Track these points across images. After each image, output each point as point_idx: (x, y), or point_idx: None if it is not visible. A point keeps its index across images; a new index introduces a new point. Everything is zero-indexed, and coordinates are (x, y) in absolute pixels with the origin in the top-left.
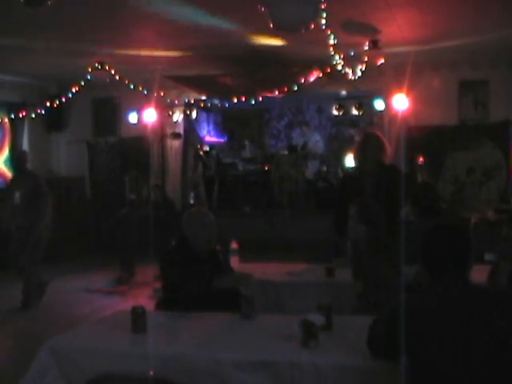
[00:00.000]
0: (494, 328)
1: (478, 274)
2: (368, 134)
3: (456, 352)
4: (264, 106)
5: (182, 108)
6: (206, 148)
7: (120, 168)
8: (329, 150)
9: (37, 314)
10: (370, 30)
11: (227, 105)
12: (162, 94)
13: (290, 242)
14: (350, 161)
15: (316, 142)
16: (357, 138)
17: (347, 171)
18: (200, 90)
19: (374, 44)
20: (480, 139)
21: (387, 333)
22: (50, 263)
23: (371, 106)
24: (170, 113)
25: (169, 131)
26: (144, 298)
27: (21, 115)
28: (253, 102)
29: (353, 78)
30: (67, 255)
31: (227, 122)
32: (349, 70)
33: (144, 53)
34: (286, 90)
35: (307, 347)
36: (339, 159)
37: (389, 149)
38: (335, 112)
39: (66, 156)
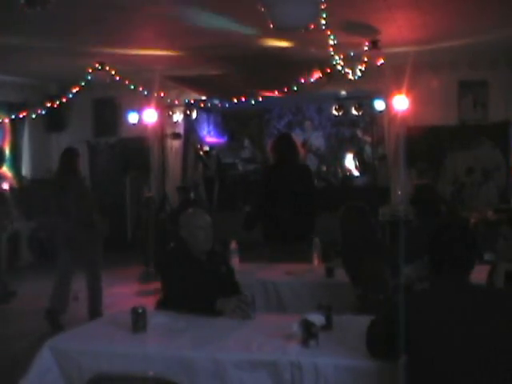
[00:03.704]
0: (495, 328)
1: (478, 274)
2: (284, 135)
3: (457, 351)
4: (264, 106)
5: (182, 108)
6: (206, 148)
7: (120, 168)
8: (328, 150)
9: (37, 314)
10: (370, 31)
11: (227, 105)
12: (162, 94)
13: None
14: (349, 161)
15: (317, 137)
16: (361, 135)
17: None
18: (200, 90)
19: (374, 44)
20: (479, 139)
21: (387, 332)
22: (50, 263)
23: (371, 107)
24: (170, 113)
25: (169, 131)
26: None
27: (21, 115)
28: (253, 102)
29: (353, 78)
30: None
31: (227, 122)
32: (349, 71)
33: (144, 53)
34: (286, 90)
35: (307, 347)
36: (339, 159)
37: (301, 150)
38: (335, 112)
39: None
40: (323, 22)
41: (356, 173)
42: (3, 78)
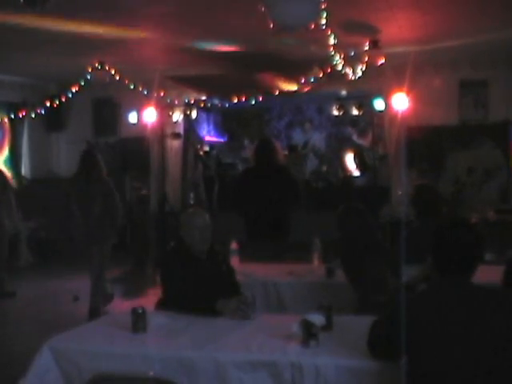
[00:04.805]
0: (496, 328)
1: (477, 274)
2: (263, 139)
3: (457, 352)
4: (264, 106)
5: (182, 108)
6: (206, 148)
7: (120, 168)
8: (329, 150)
9: (37, 314)
10: (371, 30)
11: (227, 105)
12: (162, 94)
13: (290, 242)
14: (350, 161)
15: (318, 138)
16: (356, 138)
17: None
18: (200, 90)
19: (375, 44)
20: (480, 139)
21: (388, 333)
22: (51, 264)
23: (371, 106)
24: (170, 113)
25: (169, 131)
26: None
27: (21, 115)
28: (253, 102)
29: (353, 77)
30: (68, 255)
31: (227, 122)
32: (349, 70)
33: (144, 53)
34: (286, 90)
35: (307, 347)
36: (339, 159)
37: (281, 153)
38: (335, 112)
39: (66, 156)
40: (323, 21)
41: (356, 173)
42: (3, 78)
